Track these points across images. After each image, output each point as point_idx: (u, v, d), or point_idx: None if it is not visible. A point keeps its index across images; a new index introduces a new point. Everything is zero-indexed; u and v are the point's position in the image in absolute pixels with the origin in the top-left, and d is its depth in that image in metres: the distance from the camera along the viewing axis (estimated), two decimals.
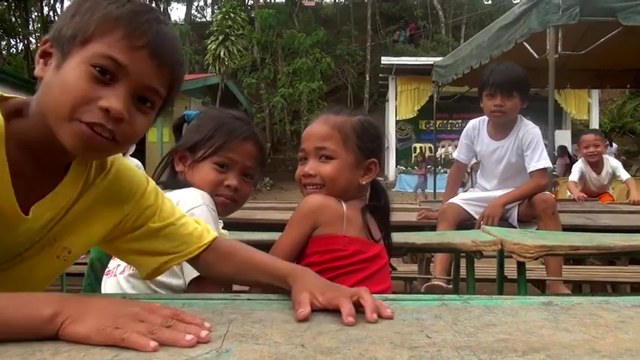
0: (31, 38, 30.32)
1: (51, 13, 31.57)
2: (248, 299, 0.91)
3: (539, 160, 2.84)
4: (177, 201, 1.22)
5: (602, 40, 5.77)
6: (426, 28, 27.91)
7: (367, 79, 24.02)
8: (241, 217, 2.70)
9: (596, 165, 5.30)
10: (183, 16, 32.79)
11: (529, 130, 2.93)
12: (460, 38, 25.59)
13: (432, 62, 11.87)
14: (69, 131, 0.82)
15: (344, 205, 1.37)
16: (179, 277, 1.23)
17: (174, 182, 1.43)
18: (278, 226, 1.65)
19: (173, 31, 0.93)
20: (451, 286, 2.56)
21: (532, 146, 2.87)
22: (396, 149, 18.41)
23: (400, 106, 17.86)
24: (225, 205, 1.43)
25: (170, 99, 0.92)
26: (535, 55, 6.30)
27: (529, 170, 2.87)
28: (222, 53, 16.16)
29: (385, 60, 18.21)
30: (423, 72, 14.32)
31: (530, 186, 2.84)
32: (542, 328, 0.75)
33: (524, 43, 6.37)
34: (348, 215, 1.36)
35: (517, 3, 7.13)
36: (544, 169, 2.86)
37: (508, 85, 2.80)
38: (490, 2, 31.94)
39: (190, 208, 1.23)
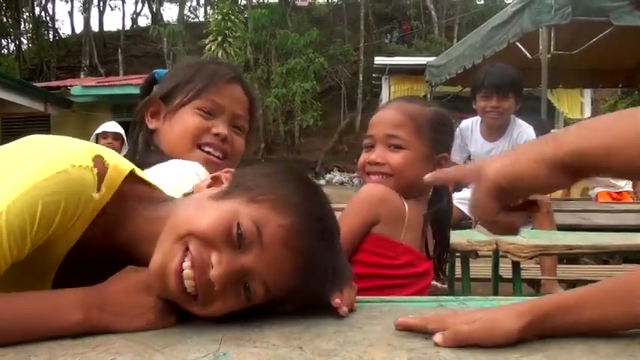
0: (22, 38, 30.12)
1: (42, 13, 31.40)
2: None
3: None
4: (164, 185, 0.97)
5: (594, 39, 5.80)
6: (419, 28, 27.97)
7: (360, 79, 24.02)
8: None
9: None
10: (175, 17, 32.69)
11: (523, 129, 2.94)
12: (453, 38, 25.66)
13: (425, 62, 11.88)
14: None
15: (406, 205, 1.28)
16: None
17: (147, 147, 1.22)
18: None
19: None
20: (446, 285, 2.56)
21: None
22: None
23: None
24: (212, 162, 1.18)
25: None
26: (528, 54, 6.33)
27: None
28: (220, 54, 16.15)
29: (378, 60, 18.21)
30: (416, 72, 14.34)
31: None
32: None
33: (517, 43, 6.40)
34: (410, 218, 1.27)
35: (509, 3, 7.16)
36: None
37: (504, 86, 2.81)
38: (482, 2, 32.08)
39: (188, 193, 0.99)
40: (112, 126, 4.43)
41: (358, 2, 28.73)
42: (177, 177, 1.04)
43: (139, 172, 0.80)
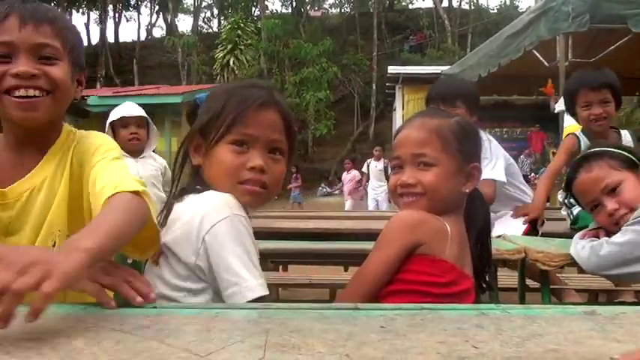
0: None
1: None
2: (279, 308, 0.89)
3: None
4: (197, 213, 1.08)
5: (612, 47, 5.74)
6: (432, 37, 27.97)
7: (374, 88, 24.07)
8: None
9: None
10: (190, 28, 32.99)
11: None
12: (466, 47, 25.62)
13: (438, 71, 11.88)
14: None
15: (445, 222, 1.25)
16: (200, 280, 1.09)
17: (195, 183, 1.20)
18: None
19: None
20: None
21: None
22: None
23: (407, 115, 17.82)
24: (254, 193, 1.15)
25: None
26: (545, 62, 6.28)
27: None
28: (231, 62, 16.29)
29: (392, 69, 18.22)
30: (429, 81, 14.29)
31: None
32: (591, 338, 0.73)
33: (534, 50, 6.36)
34: (452, 234, 1.24)
35: (524, 11, 7.13)
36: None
37: (450, 96, 2.64)
38: (496, 11, 32.03)
39: (216, 222, 1.05)
40: (131, 108, 3.22)
41: (371, 12, 28.84)
42: (208, 205, 1.10)
43: None
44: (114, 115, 3.15)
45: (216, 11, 34.04)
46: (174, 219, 1.12)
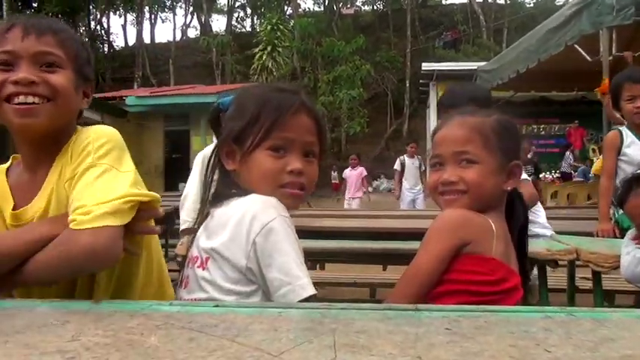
0: None
1: (97, 27, 32.64)
2: (343, 308, 0.90)
3: None
4: (245, 216, 1.09)
5: None
6: (466, 32, 27.58)
7: (407, 85, 23.90)
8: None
9: None
10: (224, 27, 33.34)
11: None
12: (502, 42, 25.20)
13: (474, 67, 11.68)
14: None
15: (489, 220, 1.25)
16: (251, 283, 1.10)
17: (229, 187, 1.23)
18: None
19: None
20: None
21: None
22: None
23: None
24: (295, 196, 1.20)
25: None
26: (587, 57, 6.12)
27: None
28: (269, 63, 16.44)
29: (426, 66, 18.06)
30: (464, 77, 14.11)
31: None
32: None
33: (575, 45, 6.20)
34: (497, 231, 1.23)
35: (561, 5, 6.96)
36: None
37: (459, 102, 2.63)
38: (532, 5, 31.37)
39: (265, 223, 1.08)
40: None
41: (404, 8, 28.62)
42: (255, 208, 1.11)
43: None
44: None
45: (249, 11, 34.29)
46: (220, 223, 1.13)
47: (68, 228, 1.00)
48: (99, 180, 1.07)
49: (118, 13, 32.94)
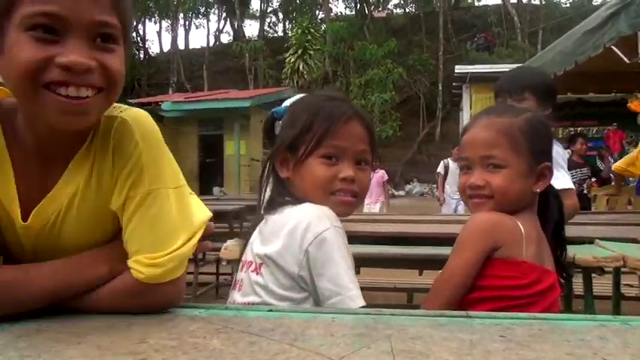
0: None
1: (134, 34, 33.36)
2: (393, 314, 0.91)
3: None
4: (299, 225, 1.11)
5: None
6: (500, 34, 27.20)
7: (440, 88, 23.71)
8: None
9: None
10: (256, 32, 33.69)
11: None
12: (537, 44, 24.79)
13: (508, 70, 11.51)
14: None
15: (519, 223, 1.24)
16: (303, 290, 1.14)
17: (283, 195, 1.25)
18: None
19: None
20: None
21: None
22: None
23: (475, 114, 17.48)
24: (347, 203, 1.21)
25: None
26: (625, 59, 5.98)
27: None
28: (300, 67, 16.58)
29: (459, 68, 17.88)
30: (498, 80, 13.93)
31: None
32: None
33: (613, 47, 6.06)
34: (527, 234, 1.23)
35: (598, 5, 6.81)
36: None
37: (517, 88, 2.40)
38: (568, 5, 30.76)
39: (318, 233, 1.09)
40: None
41: (436, 11, 28.43)
42: (309, 217, 1.13)
43: None
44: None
45: (281, 15, 34.56)
46: (274, 231, 1.17)
47: (137, 280, 0.88)
48: (161, 219, 0.91)
49: (153, 20, 33.67)
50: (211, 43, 33.17)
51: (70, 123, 0.84)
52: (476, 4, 34.26)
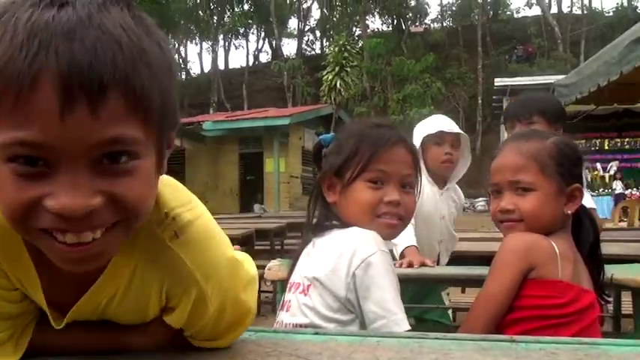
0: None
1: (175, 55, 34.30)
2: (437, 338, 0.93)
3: None
4: (346, 249, 1.15)
5: None
6: (541, 45, 26.75)
7: (479, 101, 23.44)
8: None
9: None
10: (294, 51, 34.15)
11: None
12: (579, 54, 24.24)
13: (550, 81, 11.30)
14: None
15: (553, 243, 1.25)
16: (350, 312, 1.16)
17: (330, 218, 1.28)
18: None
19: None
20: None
21: None
22: None
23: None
24: (392, 226, 1.24)
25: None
26: None
27: None
28: (338, 84, 16.72)
29: (498, 81, 17.69)
30: (540, 92, 13.66)
31: None
32: None
33: None
34: (562, 254, 1.24)
35: None
36: None
37: (525, 112, 2.39)
38: (611, 14, 30.03)
39: (365, 257, 1.13)
40: (449, 123, 2.50)
41: (474, 24, 28.22)
42: (356, 242, 1.16)
43: None
44: (429, 128, 2.42)
45: (318, 33, 34.95)
46: (321, 253, 1.21)
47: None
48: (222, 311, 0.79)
49: (194, 41, 34.57)
50: (250, 63, 33.82)
51: (77, 269, 0.64)
52: (515, 15, 33.81)
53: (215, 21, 30.80)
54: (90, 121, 0.54)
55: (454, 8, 32.99)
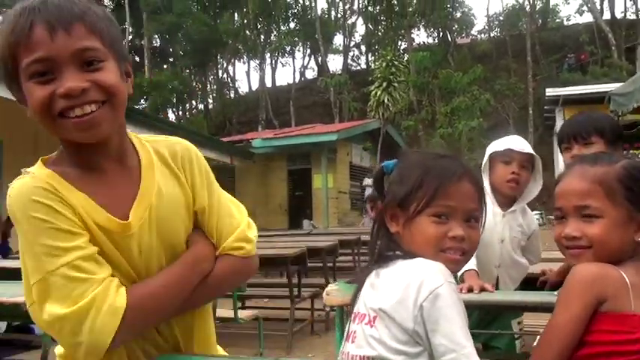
0: (209, 99, 33.99)
1: (224, 75, 35.19)
2: None
3: None
4: (413, 280, 1.14)
5: None
6: (594, 53, 25.95)
7: (530, 112, 22.91)
8: None
9: None
10: (340, 66, 34.39)
11: None
12: (635, 60, 23.38)
13: (604, 90, 10.96)
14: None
15: (623, 273, 1.21)
16: (418, 345, 1.14)
17: (392, 249, 1.29)
18: None
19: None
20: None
21: None
22: None
23: None
24: (456, 261, 1.23)
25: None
26: None
27: None
28: (386, 99, 16.75)
29: (550, 91, 17.26)
30: (594, 100, 13.25)
31: None
32: None
33: None
34: (633, 285, 1.19)
35: None
36: None
37: (583, 133, 2.31)
38: None
39: (433, 289, 1.12)
40: (520, 142, 2.48)
41: (523, 33, 27.69)
42: (423, 273, 1.16)
43: None
44: (498, 146, 2.43)
45: (364, 48, 35.10)
46: (386, 284, 1.21)
47: (237, 258, 1.18)
48: (230, 212, 1.22)
49: (242, 61, 35.34)
50: (297, 80, 34.20)
51: (88, 137, 1.03)
52: (565, 23, 32.98)
53: (262, 40, 31.39)
54: (67, 38, 0.97)
55: (501, 18, 32.47)
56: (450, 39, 29.90)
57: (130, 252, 1.07)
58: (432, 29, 31.89)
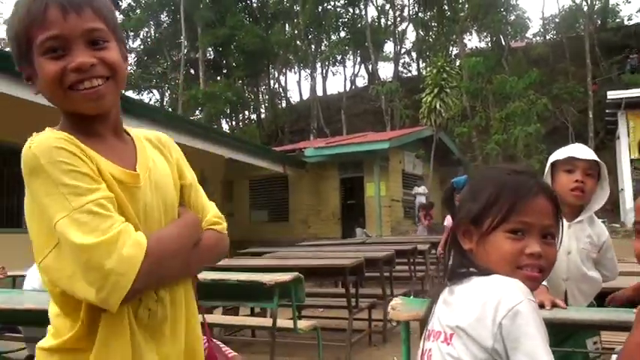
0: (261, 109, 34.51)
1: (276, 85, 35.67)
2: None
3: None
4: (491, 297, 1.13)
5: None
6: None
7: (590, 116, 22.11)
8: None
9: None
10: (390, 74, 34.24)
11: None
12: None
13: None
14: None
15: None
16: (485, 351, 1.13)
17: (466, 265, 1.28)
18: None
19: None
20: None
21: None
22: (633, 192, 16.40)
23: (634, 143, 16.00)
24: (534, 278, 1.21)
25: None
26: None
27: None
28: (437, 105, 16.55)
29: (612, 94, 16.63)
30: None
31: None
32: None
33: None
34: None
35: None
36: None
37: None
38: None
39: (512, 306, 1.10)
40: (583, 150, 2.39)
41: (581, 35, 26.79)
42: (501, 290, 1.14)
43: None
44: (560, 155, 2.37)
45: (414, 55, 34.82)
46: (462, 301, 1.20)
47: (217, 232, 1.28)
48: (204, 195, 1.35)
49: (293, 70, 35.75)
50: (348, 88, 34.24)
51: (94, 108, 1.14)
52: (626, 23, 31.66)
53: (313, 50, 31.66)
54: (78, 19, 1.10)
55: (557, 20, 31.52)
56: (503, 43, 29.21)
57: (137, 205, 1.15)
58: (485, 34, 31.27)
